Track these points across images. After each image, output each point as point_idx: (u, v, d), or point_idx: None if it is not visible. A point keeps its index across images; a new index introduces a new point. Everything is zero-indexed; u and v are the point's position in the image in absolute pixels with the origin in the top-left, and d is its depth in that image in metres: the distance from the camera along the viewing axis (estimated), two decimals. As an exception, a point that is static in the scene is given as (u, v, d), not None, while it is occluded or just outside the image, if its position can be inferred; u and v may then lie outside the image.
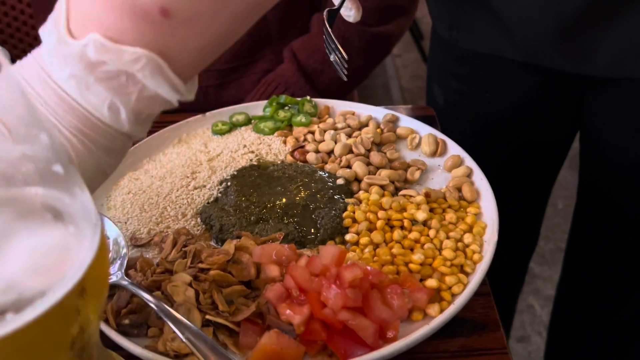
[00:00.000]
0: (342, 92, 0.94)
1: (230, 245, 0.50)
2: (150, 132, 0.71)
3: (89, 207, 0.29)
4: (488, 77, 0.78)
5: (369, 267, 0.47)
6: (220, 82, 0.95)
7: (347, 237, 0.55)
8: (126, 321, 0.47)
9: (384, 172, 0.62)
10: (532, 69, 0.72)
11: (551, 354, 1.07)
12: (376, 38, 0.90)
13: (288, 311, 0.45)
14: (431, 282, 0.49)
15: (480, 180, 0.59)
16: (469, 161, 0.62)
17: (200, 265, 0.49)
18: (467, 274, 0.51)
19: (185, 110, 0.77)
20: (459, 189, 0.59)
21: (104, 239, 0.29)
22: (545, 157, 0.86)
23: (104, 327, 0.46)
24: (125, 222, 0.59)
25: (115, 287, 0.50)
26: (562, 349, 1.03)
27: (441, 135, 0.66)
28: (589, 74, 0.69)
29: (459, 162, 0.63)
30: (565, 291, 0.98)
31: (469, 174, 0.61)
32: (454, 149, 0.64)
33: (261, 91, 0.90)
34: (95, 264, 0.28)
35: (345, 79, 0.58)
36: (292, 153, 0.67)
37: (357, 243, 0.54)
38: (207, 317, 0.46)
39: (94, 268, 0.28)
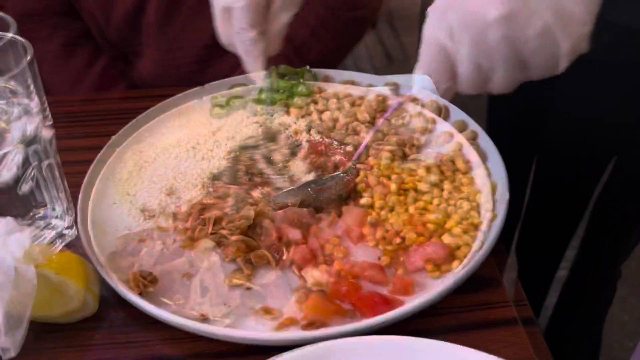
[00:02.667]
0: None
1: (249, 212, 0.50)
2: (148, 106, 0.70)
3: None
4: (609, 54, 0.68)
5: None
6: (206, 59, 0.93)
7: (362, 201, 0.55)
8: (151, 289, 0.46)
9: (392, 138, 0.62)
10: None
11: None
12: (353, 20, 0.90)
13: (316, 271, 0.45)
14: (448, 240, 0.50)
15: (486, 142, 0.61)
16: (473, 125, 0.63)
17: (222, 231, 0.48)
18: (481, 232, 0.52)
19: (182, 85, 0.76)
20: (465, 153, 0.60)
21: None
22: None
23: (129, 295, 0.45)
24: (135, 195, 0.58)
25: (134, 256, 0.49)
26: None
27: (443, 101, 0.67)
28: None
29: (464, 127, 0.64)
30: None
31: (475, 137, 0.62)
32: (457, 114, 0.65)
33: None
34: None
35: None
36: (296, 122, 0.66)
37: (372, 207, 0.55)
38: (234, 280, 0.46)
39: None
